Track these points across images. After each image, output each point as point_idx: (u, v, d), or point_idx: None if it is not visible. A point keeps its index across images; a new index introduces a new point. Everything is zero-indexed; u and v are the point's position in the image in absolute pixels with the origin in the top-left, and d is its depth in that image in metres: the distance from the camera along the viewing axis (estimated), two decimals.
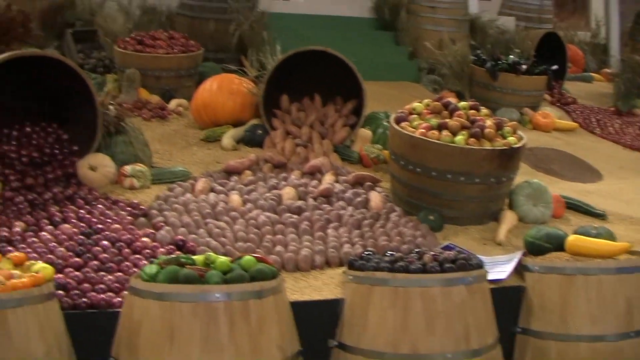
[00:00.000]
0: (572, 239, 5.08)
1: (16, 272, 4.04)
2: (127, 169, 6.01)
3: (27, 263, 4.28)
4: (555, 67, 9.74)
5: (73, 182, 5.90)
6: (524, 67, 9.29)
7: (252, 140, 7.13)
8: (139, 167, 6.04)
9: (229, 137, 7.11)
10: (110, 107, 6.24)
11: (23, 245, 4.85)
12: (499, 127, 5.95)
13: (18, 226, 5.13)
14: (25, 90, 6.19)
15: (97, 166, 5.98)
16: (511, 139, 5.88)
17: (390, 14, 11.43)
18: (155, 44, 8.49)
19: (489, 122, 5.94)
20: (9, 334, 3.72)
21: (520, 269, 5.03)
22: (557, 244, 5.15)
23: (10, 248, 4.79)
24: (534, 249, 5.22)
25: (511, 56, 9.57)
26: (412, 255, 4.63)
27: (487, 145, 5.78)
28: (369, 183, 6.23)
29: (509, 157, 5.79)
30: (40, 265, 4.20)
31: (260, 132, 7.14)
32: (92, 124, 6.09)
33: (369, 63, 9.38)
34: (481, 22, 11.67)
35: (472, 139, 5.76)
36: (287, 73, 7.30)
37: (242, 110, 7.37)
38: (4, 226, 5.14)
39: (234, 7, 9.49)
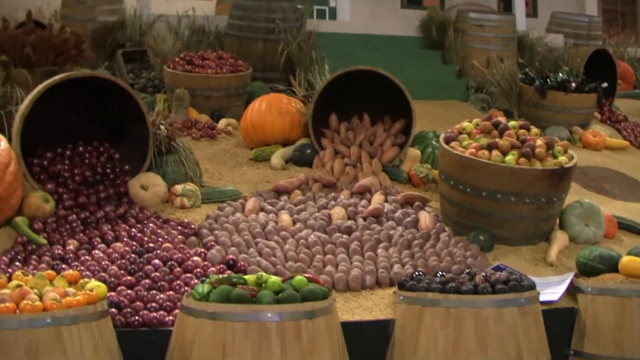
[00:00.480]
0: (626, 260, 5.00)
1: (71, 289, 4.10)
2: (178, 188, 6.06)
3: (81, 281, 4.33)
4: (605, 84, 9.64)
5: (124, 201, 5.97)
6: (574, 84, 9.20)
7: (301, 159, 7.15)
8: (190, 186, 6.09)
9: (278, 156, 7.14)
10: (162, 126, 6.30)
11: (76, 263, 4.93)
12: (549, 146, 5.89)
13: (71, 244, 5.21)
14: (77, 110, 6.28)
15: (148, 185, 6.03)
16: (562, 158, 5.82)
17: (437, 33, 11.42)
18: (205, 64, 8.57)
19: (539, 142, 5.89)
20: (64, 350, 3.77)
21: (572, 291, 4.97)
22: (611, 265, 5.08)
23: (64, 266, 4.86)
24: (586, 270, 5.16)
25: (560, 74, 9.49)
26: (463, 276, 4.61)
27: (538, 165, 5.73)
28: (418, 203, 6.21)
29: (560, 177, 5.73)
30: (94, 283, 4.25)
31: (309, 151, 7.16)
32: (143, 143, 6.16)
33: (417, 82, 9.37)
34: (529, 40, 11.60)
35: (522, 159, 5.71)
36: (335, 92, 7.33)
37: (290, 130, 7.41)
38: (58, 244, 5.23)
39: (282, 27, 9.55)
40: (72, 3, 10.74)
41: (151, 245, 5.19)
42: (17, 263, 4.94)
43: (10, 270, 4.76)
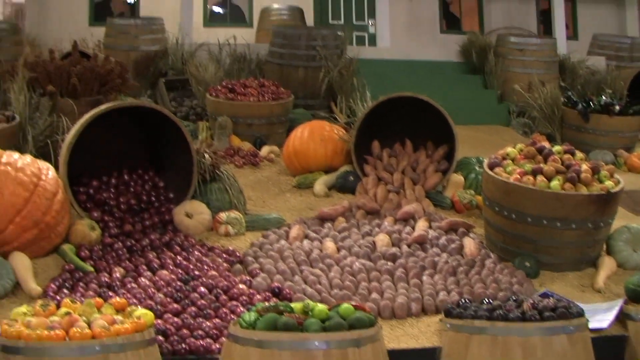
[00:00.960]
0: None
1: (118, 317, 4.13)
2: (222, 216, 6.09)
3: (128, 309, 4.36)
4: None
5: (169, 228, 6.02)
6: (617, 107, 9.11)
7: (344, 186, 7.16)
8: (234, 214, 6.12)
9: (321, 183, 7.16)
10: (206, 155, 6.35)
11: (123, 291, 4.96)
12: (595, 171, 5.83)
13: (117, 272, 5.25)
14: (122, 138, 6.36)
15: (193, 213, 6.07)
16: (608, 183, 5.75)
17: (477, 58, 11.41)
18: (246, 91, 8.63)
19: (584, 167, 5.83)
20: None
21: (622, 318, 4.89)
22: None
23: (110, 293, 4.90)
24: (636, 296, 5.07)
25: (603, 97, 9.41)
26: (510, 303, 4.56)
27: (584, 190, 5.66)
28: (462, 229, 6.18)
29: (607, 202, 5.66)
30: (141, 311, 4.28)
31: (352, 178, 7.17)
32: (187, 171, 6.21)
33: (458, 107, 9.35)
34: (571, 63, 11.52)
35: (568, 184, 5.66)
36: (377, 118, 7.33)
37: (333, 157, 7.42)
38: (104, 271, 5.28)
39: (323, 54, 9.60)
40: (115, 33, 10.92)
41: (197, 272, 5.22)
42: (65, 290, 4.99)
43: (58, 297, 4.81)
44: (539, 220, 5.64)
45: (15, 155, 5.45)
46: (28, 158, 5.54)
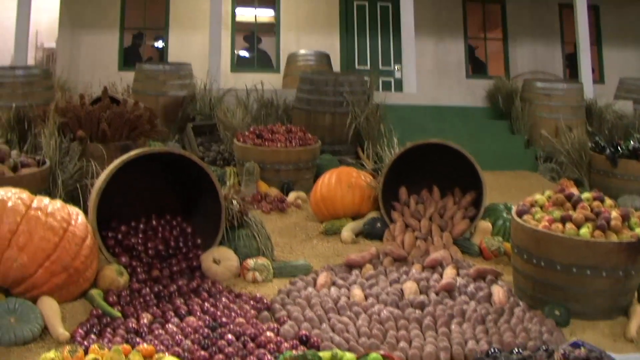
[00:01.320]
0: None
1: None
2: (250, 262, 6.09)
3: (156, 356, 4.35)
4: None
5: (197, 274, 6.02)
6: None
7: (371, 233, 7.15)
8: (262, 260, 6.12)
9: (348, 230, 7.15)
10: (234, 201, 6.37)
11: (150, 337, 4.95)
12: (625, 218, 5.78)
13: (145, 317, 5.25)
14: (151, 182, 6.40)
15: (220, 259, 6.08)
16: (639, 230, 5.70)
17: (504, 103, 11.43)
18: (274, 137, 8.68)
19: (614, 214, 5.78)
20: None
21: None
22: None
23: (138, 339, 4.89)
24: None
25: (631, 141, 9.37)
26: (541, 353, 4.51)
27: (614, 238, 5.61)
28: (490, 277, 6.14)
29: (638, 250, 5.60)
30: (168, 358, 4.28)
31: (379, 225, 7.16)
32: (215, 217, 6.23)
33: (485, 152, 9.37)
34: (598, 107, 11.51)
35: (597, 232, 5.61)
36: (404, 164, 7.34)
37: (360, 203, 7.42)
38: (132, 317, 5.27)
39: (350, 100, 9.65)
40: (144, 78, 11.06)
41: (224, 319, 5.20)
42: (93, 336, 4.98)
43: (85, 342, 4.81)
44: (569, 268, 5.58)
45: (46, 200, 5.50)
46: (58, 203, 5.59)
